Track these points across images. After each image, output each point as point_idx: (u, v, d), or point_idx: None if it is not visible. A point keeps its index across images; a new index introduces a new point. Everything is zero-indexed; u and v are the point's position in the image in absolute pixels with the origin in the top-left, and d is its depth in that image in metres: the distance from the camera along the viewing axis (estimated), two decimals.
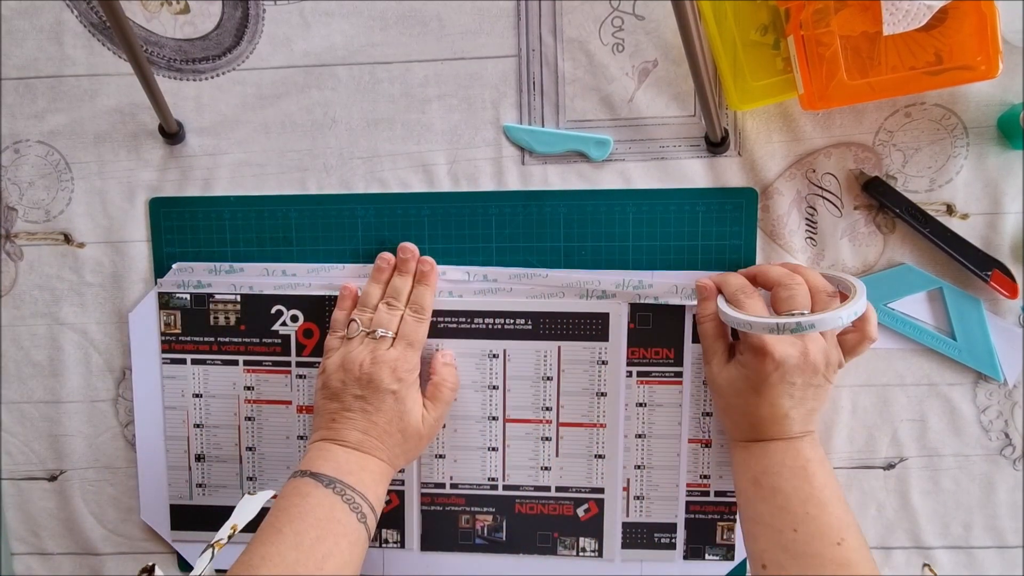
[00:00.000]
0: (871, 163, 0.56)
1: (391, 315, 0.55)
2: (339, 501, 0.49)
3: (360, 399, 0.52)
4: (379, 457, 0.52)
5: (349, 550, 0.48)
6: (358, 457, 0.52)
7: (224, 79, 0.58)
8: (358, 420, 0.52)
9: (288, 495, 0.50)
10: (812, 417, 0.51)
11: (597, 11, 0.56)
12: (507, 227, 0.58)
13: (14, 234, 0.61)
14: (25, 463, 0.63)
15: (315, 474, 0.50)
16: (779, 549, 0.48)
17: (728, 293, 0.53)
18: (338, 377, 0.53)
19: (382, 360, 0.53)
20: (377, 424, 0.52)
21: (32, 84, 0.59)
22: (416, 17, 0.57)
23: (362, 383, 0.52)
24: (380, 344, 0.54)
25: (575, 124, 0.57)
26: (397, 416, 0.53)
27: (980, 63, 0.49)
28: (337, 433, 0.52)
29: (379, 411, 0.52)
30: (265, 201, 0.59)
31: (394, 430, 0.53)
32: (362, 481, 0.51)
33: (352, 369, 0.53)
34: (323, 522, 0.48)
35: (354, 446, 0.52)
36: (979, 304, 0.56)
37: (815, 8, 0.50)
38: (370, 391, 0.52)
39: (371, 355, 0.53)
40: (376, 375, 0.52)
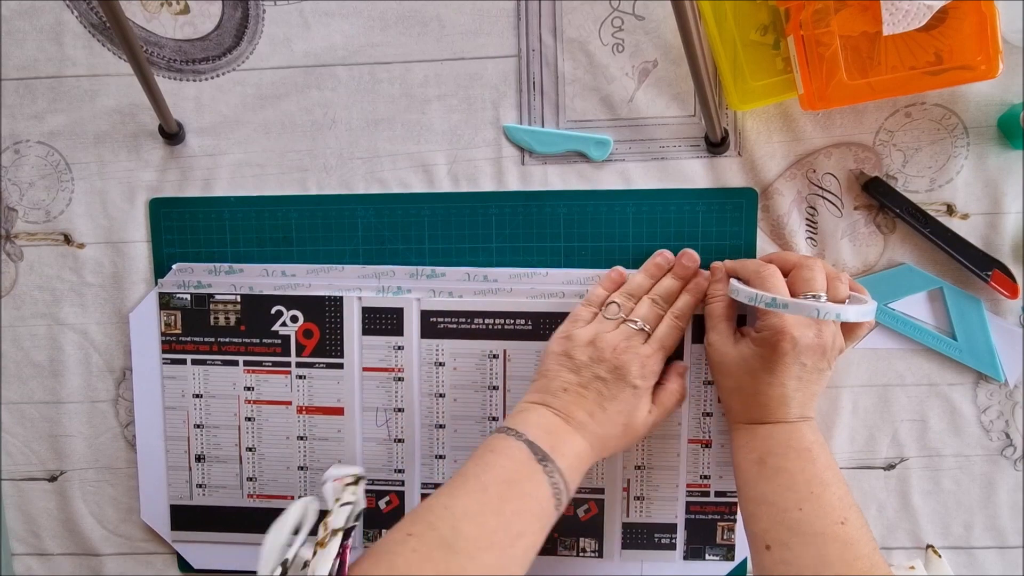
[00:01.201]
0: (871, 163, 0.56)
1: (653, 311, 0.54)
2: (546, 482, 0.47)
3: (600, 381, 0.51)
4: (591, 442, 0.51)
5: (540, 534, 0.47)
6: (574, 437, 0.50)
7: (224, 79, 0.58)
8: (590, 401, 0.51)
9: (499, 452, 0.48)
10: (812, 403, 0.52)
11: (597, 11, 0.56)
12: (507, 227, 0.58)
13: (14, 234, 0.61)
14: (25, 464, 0.63)
15: (532, 443, 0.48)
16: (783, 528, 0.47)
17: (747, 274, 0.53)
18: (586, 352, 0.52)
19: (636, 352, 0.51)
20: (607, 411, 0.51)
21: (32, 84, 0.59)
22: (416, 17, 0.57)
23: (609, 367, 0.51)
24: (636, 336, 0.52)
25: (575, 124, 0.57)
26: (628, 410, 0.51)
27: (980, 63, 0.49)
28: (565, 406, 0.51)
29: (614, 399, 0.51)
30: (265, 201, 0.59)
31: (619, 422, 0.51)
32: (572, 466, 0.49)
33: (604, 349, 0.51)
34: (527, 498, 0.46)
35: (575, 425, 0.50)
36: (979, 304, 0.56)
37: (815, 8, 0.50)
38: (614, 377, 0.51)
39: (626, 343, 0.52)
40: (626, 365, 0.51)
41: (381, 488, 0.61)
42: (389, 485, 0.61)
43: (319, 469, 0.61)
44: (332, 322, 0.59)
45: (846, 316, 0.47)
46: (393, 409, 0.60)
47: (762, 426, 0.51)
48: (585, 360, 0.52)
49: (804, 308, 0.47)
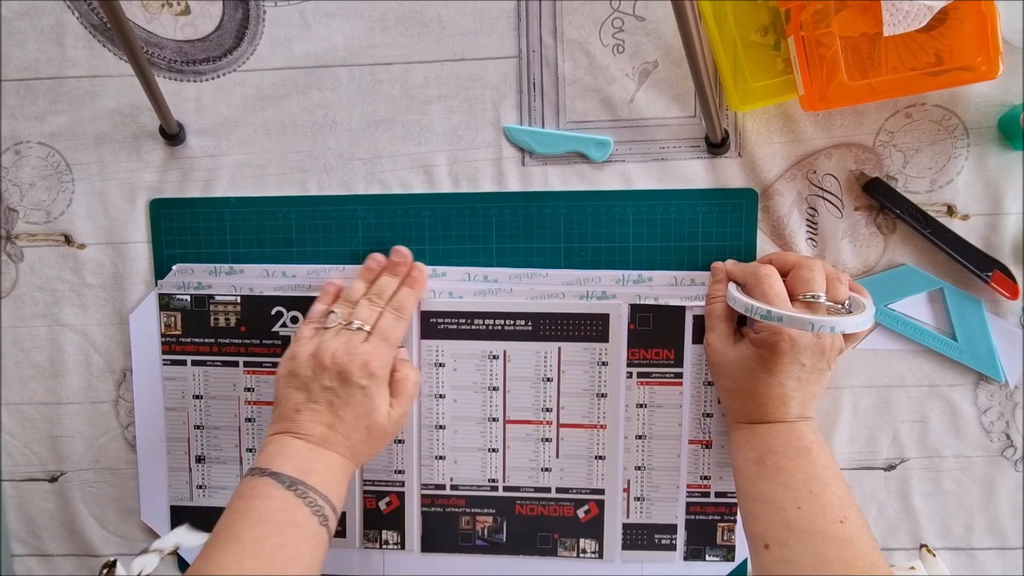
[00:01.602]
0: (872, 164, 0.56)
1: (371, 310, 0.54)
2: (301, 504, 0.47)
3: (328, 391, 0.51)
4: (341, 453, 0.51)
5: (311, 555, 0.47)
6: (321, 454, 0.50)
7: (225, 80, 0.58)
8: (323, 413, 0.51)
9: (246, 496, 0.47)
10: (812, 403, 0.52)
11: (597, 12, 0.56)
12: (507, 228, 0.58)
13: (15, 235, 0.61)
14: (25, 464, 0.63)
15: (275, 474, 0.48)
16: (783, 527, 0.48)
17: (744, 277, 0.53)
18: (308, 365, 0.51)
19: (355, 352, 0.51)
20: (344, 419, 0.51)
21: (33, 85, 0.59)
22: (416, 18, 0.57)
23: (332, 374, 0.51)
24: (355, 337, 0.52)
25: (575, 125, 0.57)
26: (365, 412, 0.51)
27: (980, 64, 0.49)
28: (300, 426, 0.50)
29: (346, 405, 0.51)
30: (265, 202, 0.59)
31: (360, 426, 0.51)
32: (325, 481, 0.49)
33: (323, 359, 0.51)
34: (284, 527, 0.46)
35: (317, 441, 0.50)
36: (980, 305, 0.56)
37: (815, 9, 0.50)
38: (339, 383, 0.51)
39: (345, 346, 0.51)
40: (348, 367, 0.50)
41: (381, 489, 0.61)
42: (389, 486, 0.61)
43: None
44: None
45: (842, 328, 0.46)
46: None
47: (761, 426, 0.51)
48: (309, 374, 0.51)
49: (799, 322, 0.47)
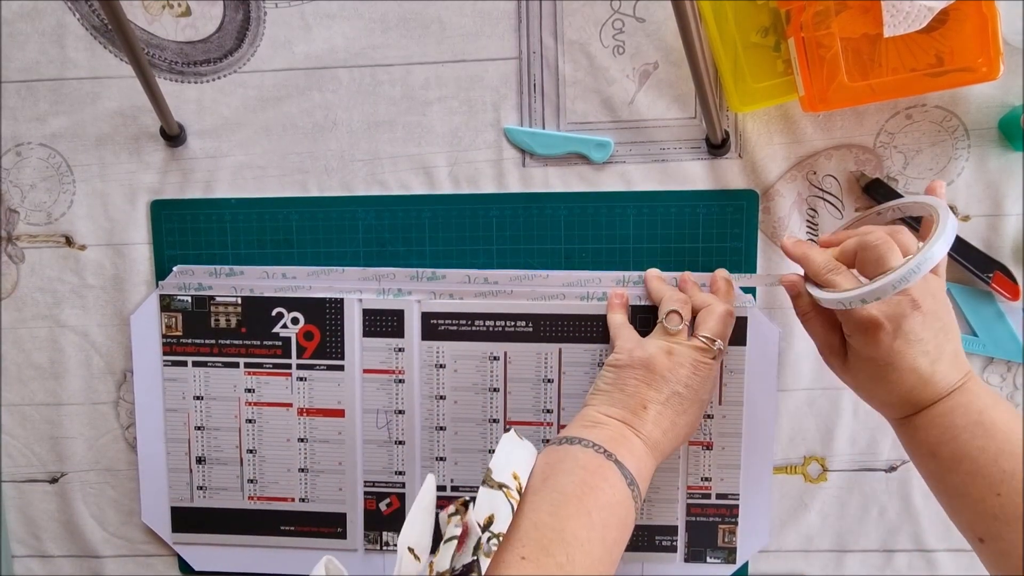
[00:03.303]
0: (872, 165, 0.56)
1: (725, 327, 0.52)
2: (633, 509, 0.47)
3: (679, 397, 0.50)
4: (657, 458, 0.50)
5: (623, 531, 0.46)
6: (649, 462, 0.49)
7: (225, 81, 0.58)
8: (667, 418, 0.50)
9: (593, 470, 0.46)
10: (959, 359, 0.46)
11: (598, 13, 0.56)
12: (508, 229, 0.58)
13: (16, 236, 0.61)
14: (26, 465, 0.63)
15: (621, 465, 0.47)
16: (989, 519, 0.43)
17: (812, 274, 0.49)
18: (664, 364, 0.50)
19: (712, 369, 0.51)
20: (677, 425, 0.50)
21: (34, 87, 0.59)
22: (417, 19, 0.57)
23: (685, 383, 0.50)
24: (707, 351, 0.51)
25: (576, 126, 0.57)
26: (691, 423, 0.51)
27: (981, 65, 0.49)
28: (644, 425, 0.49)
29: (685, 414, 0.50)
30: (266, 203, 0.59)
31: (683, 435, 0.51)
32: (644, 490, 0.49)
33: (684, 364, 0.50)
34: (624, 524, 0.46)
35: (651, 445, 0.49)
36: (991, 296, 0.56)
37: (816, 10, 0.50)
38: (690, 393, 0.50)
39: (702, 358, 0.50)
40: (704, 383, 0.50)
41: (382, 490, 0.61)
42: (390, 487, 0.61)
43: (319, 471, 0.61)
44: (333, 324, 0.59)
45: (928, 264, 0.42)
46: (394, 411, 0.60)
47: (919, 416, 0.46)
48: (665, 375, 0.50)
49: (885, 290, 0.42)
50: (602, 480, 0.46)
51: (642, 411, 0.50)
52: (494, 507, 0.43)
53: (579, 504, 0.44)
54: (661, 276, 0.57)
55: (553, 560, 0.42)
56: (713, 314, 0.52)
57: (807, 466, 0.60)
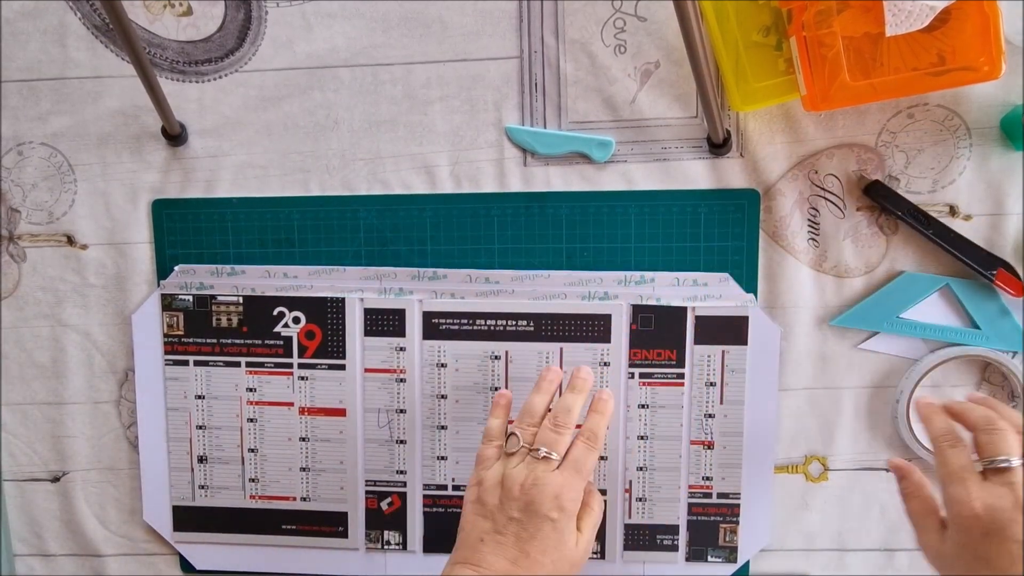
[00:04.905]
0: (874, 164, 0.56)
1: (558, 435, 0.50)
2: None
3: (516, 522, 0.48)
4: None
5: None
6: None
7: (227, 81, 0.58)
8: (509, 547, 0.47)
9: None
10: None
11: (599, 12, 0.56)
12: (509, 228, 0.58)
13: (17, 236, 0.61)
14: (28, 464, 0.63)
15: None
16: None
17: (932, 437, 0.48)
18: (495, 493, 0.49)
19: (545, 483, 0.48)
20: (529, 554, 0.47)
21: (35, 86, 0.59)
22: (418, 19, 0.57)
23: (520, 505, 0.48)
24: (544, 465, 0.49)
25: (577, 125, 0.57)
26: (552, 546, 0.48)
27: (983, 64, 0.49)
28: (482, 558, 0.47)
29: (533, 539, 0.47)
30: (267, 203, 0.59)
31: (547, 561, 0.47)
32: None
33: (511, 488, 0.48)
34: None
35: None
36: (994, 291, 0.56)
37: (817, 9, 0.50)
38: (527, 515, 0.47)
39: (533, 476, 0.48)
40: (537, 499, 0.47)
41: (383, 489, 0.61)
42: (391, 486, 0.61)
43: (321, 470, 0.61)
44: (334, 323, 0.59)
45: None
46: (395, 410, 0.60)
47: None
48: (496, 503, 0.49)
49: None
50: None
51: (479, 544, 0.48)
52: None
53: None
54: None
55: None
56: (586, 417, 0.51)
57: (808, 465, 0.60)
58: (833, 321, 0.57)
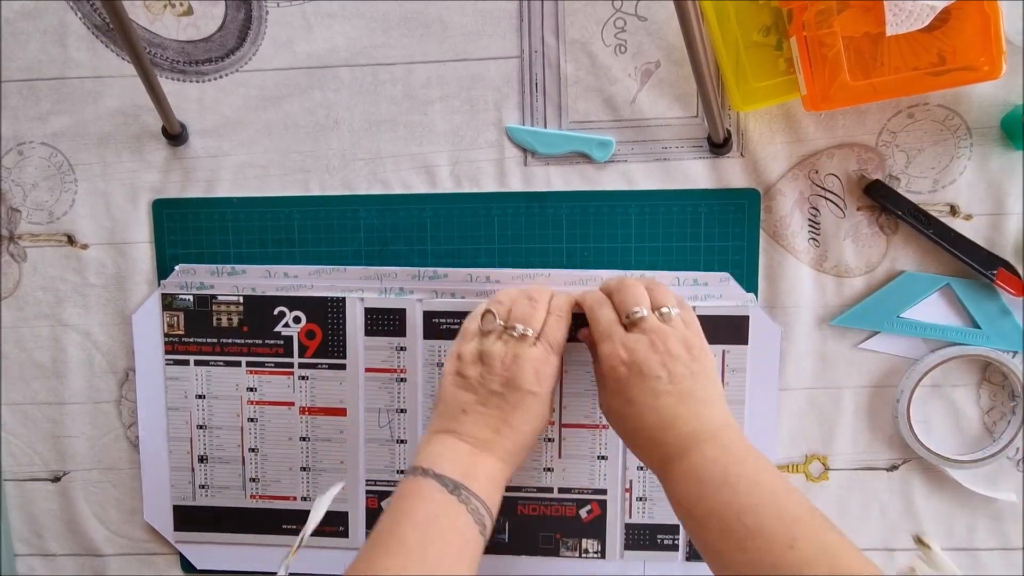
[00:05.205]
0: (874, 164, 0.56)
1: (533, 309, 0.51)
2: (464, 511, 0.46)
3: (498, 395, 0.49)
4: (502, 458, 0.49)
5: (470, 562, 0.45)
6: (483, 459, 0.48)
7: (227, 81, 0.58)
8: (492, 418, 0.49)
9: (408, 496, 0.46)
10: (709, 409, 0.47)
11: (599, 12, 0.56)
12: (509, 228, 0.58)
13: (18, 236, 0.61)
14: (28, 464, 0.63)
15: (439, 476, 0.46)
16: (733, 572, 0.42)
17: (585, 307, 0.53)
18: (476, 369, 0.50)
19: (525, 359, 0.49)
20: (512, 424, 0.49)
21: (36, 86, 0.59)
22: (418, 19, 0.57)
23: (502, 380, 0.49)
24: (522, 342, 0.50)
25: (577, 125, 0.57)
26: (534, 416, 0.50)
27: (983, 64, 0.49)
28: (465, 428, 0.49)
29: (516, 410, 0.49)
30: (268, 202, 0.59)
31: (528, 429, 0.50)
32: (485, 488, 0.47)
33: (492, 364, 0.49)
34: (447, 532, 0.45)
35: (480, 446, 0.49)
36: (995, 291, 0.56)
37: (818, 9, 0.50)
38: (510, 390, 0.49)
39: (513, 352, 0.49)
40: (518, 375, 0.49)
41: (384, 489, 0.61)
42: (392, 486, 0.61)
43: (321, 470, 0.61)
44: (335, 323, 0.59)
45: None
46: (395, 410, 0.60)
47: (674, 466, 0.46)
48: (477, 377, 0.50)
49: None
50: (416, 499, 0.46)
51: (461, 415, 0.49)
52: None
53: (391, 536, 0.44)
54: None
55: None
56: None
57: (808, 465, 0.60)
58: (833, 321, 0.57)
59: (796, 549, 0.40)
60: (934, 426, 0.59)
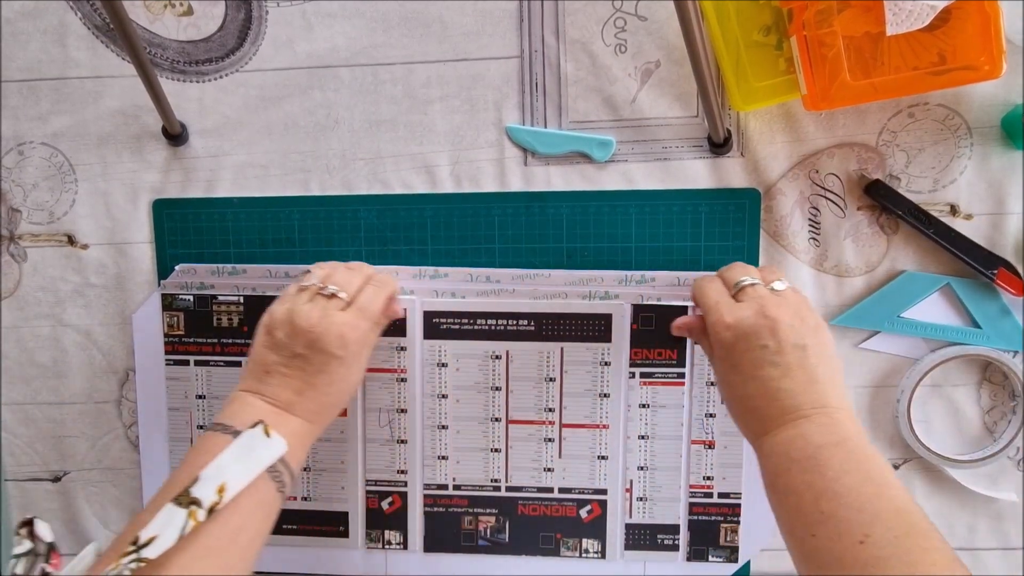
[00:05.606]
0: (875, 163, 0.56)
1: (351, 275, 0.52)
2: None
3: (301, 358, 0.48)
4: (306, 418, 0.49)
5: (264, 521, 0.45)
6: (284, 419, 0.48)
7: (227, 81, 0.58)
8: (294, 379, 0.48)
9: (203, 452, 0.44)
10: (816, 388, 0.44)
11: (600, 12, 0.56)
12: (510, 228, 0.58)
13: (18, 236, 0.61)
14: (28, 464, 0.63)
15: (237, 433, 0.45)
16: (803, 559, 0.41)
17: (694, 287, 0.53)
18: (284, 330, 0.49)
19: (331, 322, 0.49)
20: (316, 386, 0.49)
21: (36, 86, 0.59)
22: (418, 18, 0.57)
23: (306, 341, 0.48)
24: (331, 304, 0.50)
25: (578, 125, 0.57)
26: (340, 378, 0.49)
27: (983, 63, 0.49)
28: (268, 388, 0.48)
29: (320, 372, 0.49)
30: (268, 202, 0.59)
31: (333, 391, 0.49)
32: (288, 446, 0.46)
33: (299, 324, 0.48)
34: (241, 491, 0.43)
35: (283, 406, 0.48)
36: (995, 290, 0.56)
37: (818, 8, 0.50)
38: (313, 352, 0.48)
39: (321, 313, 0.49)
40: (322, 337, 0.48)
41: (384, 489, 0.61)
42: (392, 486, 0.61)
43: (321, 470, 0.61)
44: None
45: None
46: (396, 410, 0.60)
47: (767, 438, 0.45)
48: (283, 338, 0.49)
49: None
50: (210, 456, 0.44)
51: (265, 375, 0.49)
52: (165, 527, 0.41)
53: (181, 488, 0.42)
54: None
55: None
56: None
57: None
58: (834, 320, 0.57)
59: (867, 545, 0.38)
60: (934, 426, 0.59)
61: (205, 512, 0.42)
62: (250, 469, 0.44)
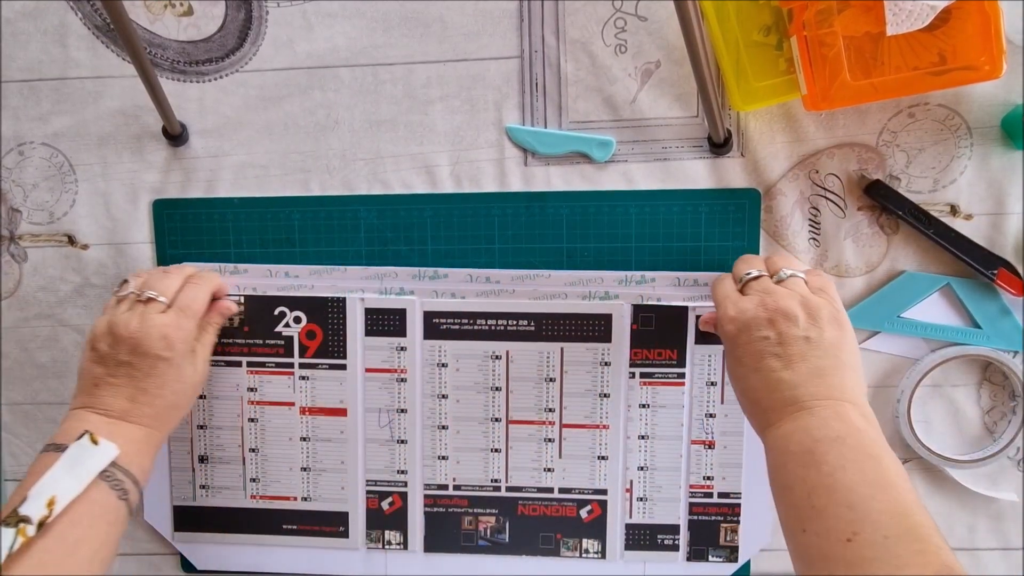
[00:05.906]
0: (875, 164, 0.56)
1: (167, 280, 0.53)
2: (97, 480, 0.45)
3: (126, 365, 0.49)
4: (145, 424, 0.49)
5: (107, 531, 0.45)
6: (121, 428, 0.48)
7: (227, 81, 0.58)
8: (124, 387, 0.49)
9: (35, 474, 0.45)
10: (822, 380, 0.44)
11: (600, 12, 0.56)
12: (510, 228, 0.58)
13: (18, 236, 0.61)
14: (29, 464, 0.63)
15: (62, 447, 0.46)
16: (795, 556, 0.41)
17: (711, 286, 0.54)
18: (105, 339, 0.50)
19: (151, 325, 0.49)
20: (147, 391, 0.49)
21: (36, 86, 0.59)
22: (419, 19, 0.57)
23: (128, 348, 0.49)
24: (150, 308, 0.51)
25: (578, 125, 0.57)
26: (172, 379, 0.50)
27: (984, 63, 0.49)
28: (99, 400, 0.49)
29: (148, 376, 0.49)
30: (268, 203, 0.59)
31: (167, 392, 0.50)
32: (125, 454, 0.47)
33: (120, 333, 0.49)
34: (76, 503, 0.44)
35: (117, 415, 0.48)
36: (995, 291, 0.56)
37: (818, 8, 0.50)
38: (137, 357, 0.49)
39: (140, 319, 0.50)
40: (144, 341, 0.49)
41: (384, 489, 0.61)
42: (392, 486, 0.61)
43: (321, 470, 0.61)
44: (335, 323, 0.59)
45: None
46: (396, 410, 0.60)
47: (771, 431, 0.45)
48: (106, 349, 0.50)
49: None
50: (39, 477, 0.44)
51: (95, 389, 0.49)
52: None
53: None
54: None
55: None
56: None
57: None
58: None
59: (854, 544, 0.37)
60: (934, 426, 0.59)
61: (35, 527, 0.42)
62: (80, 478, 0.45)
